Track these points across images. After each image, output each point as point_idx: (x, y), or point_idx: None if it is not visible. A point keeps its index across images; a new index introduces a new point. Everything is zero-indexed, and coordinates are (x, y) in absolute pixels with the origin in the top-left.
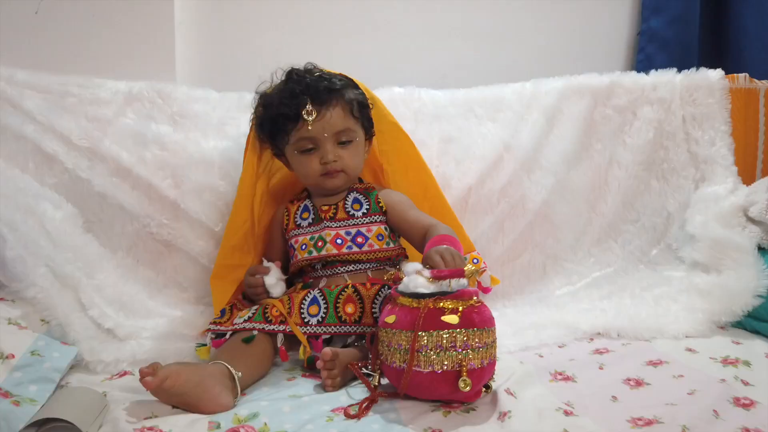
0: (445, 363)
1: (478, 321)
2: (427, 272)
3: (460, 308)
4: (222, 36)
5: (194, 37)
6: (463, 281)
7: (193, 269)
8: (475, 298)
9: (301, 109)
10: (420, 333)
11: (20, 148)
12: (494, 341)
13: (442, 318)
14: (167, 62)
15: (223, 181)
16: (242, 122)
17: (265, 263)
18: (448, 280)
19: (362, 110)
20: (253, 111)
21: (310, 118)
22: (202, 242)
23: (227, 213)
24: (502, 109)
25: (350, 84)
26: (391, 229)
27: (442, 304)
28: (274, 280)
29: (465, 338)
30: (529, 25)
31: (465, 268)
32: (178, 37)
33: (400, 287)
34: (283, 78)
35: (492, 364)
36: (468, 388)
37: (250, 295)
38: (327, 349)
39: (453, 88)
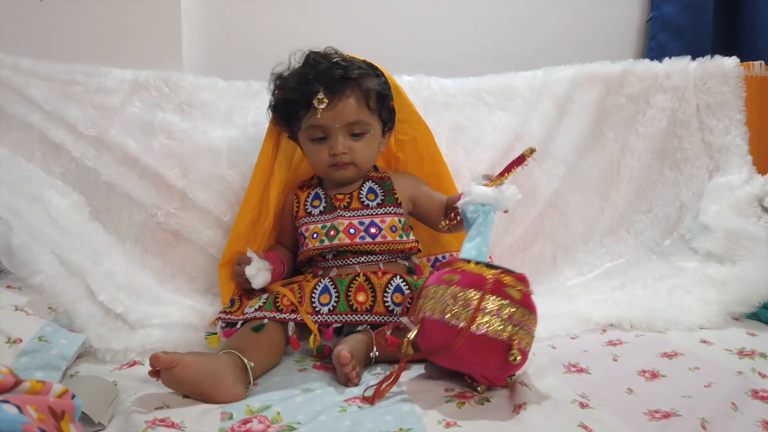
0: (504, 332)
1: (532, 307)
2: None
3: (522, 288)
4: (229, 24)
5: (201, 25)
6: (514, 188)
7: (202, 259)
8: (530, 288)
9: (312, 97)
10: (488, 295)
11: (26, 136)
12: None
13: (506, 290)
14: (174, 50)
15: (231, 170)
16: (249, 111)
17: (249, 253)
18: (504, 180)
19: (381, 101)
20: (270, 93)
21: (321, 107)
22: (210, 232)
23: (235, 203)
24: (513, 97)
25: (370, 73)
26: (416, 214)
27: (506, 279)
28: (254, 271)
29: (521, 317)
30: (540, 12)
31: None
32: (185, 25)
33: (462, 202)
34: (301, 61)
35: (527, 354)
36: (517, 360)
37: (239, 283)
38: (344, 353)
39: (463, 77)
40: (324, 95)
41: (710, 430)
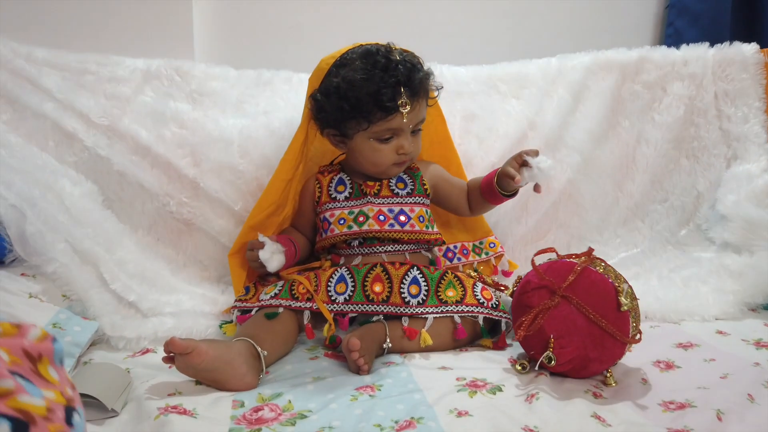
0: (634, 337)
1: None
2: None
3: None
4: (240, 13)
5: (212, 14)
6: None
7: (214, 248)
8: None
9: (398, 101)
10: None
11: (40, 126)
12: None
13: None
14: (185, 39)
15: (242, 159)
16: (261, 100)
17: (260, 238)
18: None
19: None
20: (323, 89)
21: (405, 111)
22: (222, 221)
23: (246, 191)
24: (527, 85)
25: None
26: (437, 199)
27: None
28: (268, 254)
29: None
30: None
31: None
32: (196, 13)
33: (529, 175)
34: (365, 59)
35: None
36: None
37: (253, 268)
38: (353, 340)
39: (476, 64)
40: (407, 99)
41: (726, 422)
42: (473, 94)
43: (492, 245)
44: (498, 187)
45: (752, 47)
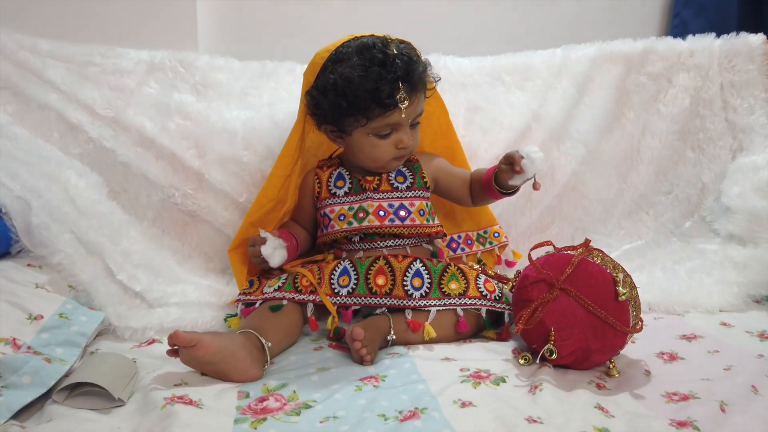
0: (635, 327)
1: None
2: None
3: None
4: (243, 4)
5: (216, 5)
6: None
7: (219, 240)
8: None
9: (396, 96)
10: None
11: (44, 117)
12: None
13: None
14: (189, 31)
15: (246, 151)
16: (264, 92)
17: (262, 233)
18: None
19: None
20: (320, 86)
21: (404, 106)
22: (226, 213)
23: (251, 183)
24: (531, 77)
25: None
26: (439, 191)
27: None
28: (270, 250)
29: None
30: None
31: None
32: (200, 5)
33: (526, 163)
34: (361, 54)
35: None
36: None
37: (255, 264)
38: (357, 330)
39: (480, 56)
40: (406, 94)
41: (729, 413)
42: (477, 86)
43: (496, 234)
44: (495, 184)
45: (759, 38)
